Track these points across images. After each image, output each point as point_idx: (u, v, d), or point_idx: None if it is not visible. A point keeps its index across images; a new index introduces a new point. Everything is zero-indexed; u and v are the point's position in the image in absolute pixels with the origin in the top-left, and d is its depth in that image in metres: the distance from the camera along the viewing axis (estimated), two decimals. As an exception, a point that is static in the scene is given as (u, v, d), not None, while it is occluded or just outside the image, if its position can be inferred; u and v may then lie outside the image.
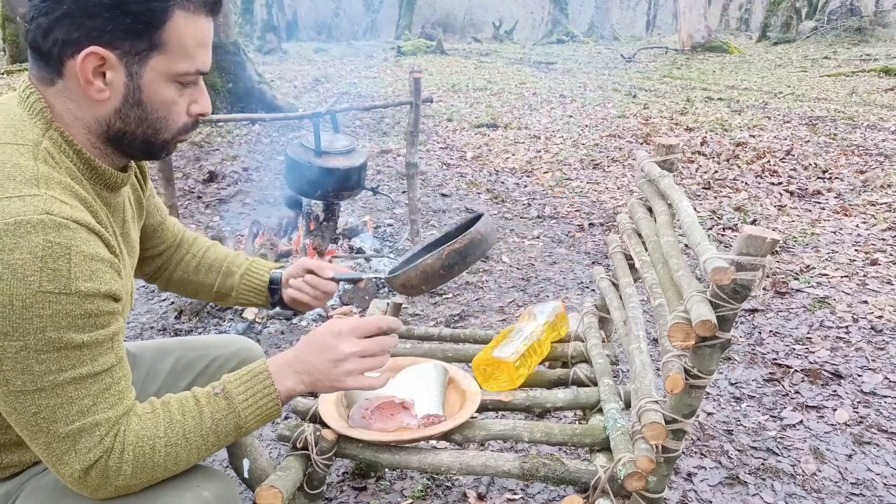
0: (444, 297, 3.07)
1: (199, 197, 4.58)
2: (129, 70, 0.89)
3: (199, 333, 2.69)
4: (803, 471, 1.91)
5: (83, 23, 0.85)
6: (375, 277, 1.37)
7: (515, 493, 1.81)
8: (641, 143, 6.19)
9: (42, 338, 0.81)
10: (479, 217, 1.46)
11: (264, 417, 1.00)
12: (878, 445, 2.02)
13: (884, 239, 3.72)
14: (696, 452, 1.99)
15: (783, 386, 2.34)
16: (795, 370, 2.43)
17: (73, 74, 0.87)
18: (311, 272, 1.31)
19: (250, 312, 2.75)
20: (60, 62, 0.87)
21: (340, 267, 1.36)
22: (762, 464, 1.94)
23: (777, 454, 1.98)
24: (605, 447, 1.23)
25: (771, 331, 2.73)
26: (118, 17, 0.85)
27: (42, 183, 0.84)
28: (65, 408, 0.85)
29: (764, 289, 3.13)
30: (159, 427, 0.92)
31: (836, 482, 1.86)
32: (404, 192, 3.93)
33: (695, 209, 2.61)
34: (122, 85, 0.89)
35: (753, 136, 6.30)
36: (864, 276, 3.24)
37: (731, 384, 2.36)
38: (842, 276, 3.23)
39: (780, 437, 2.06)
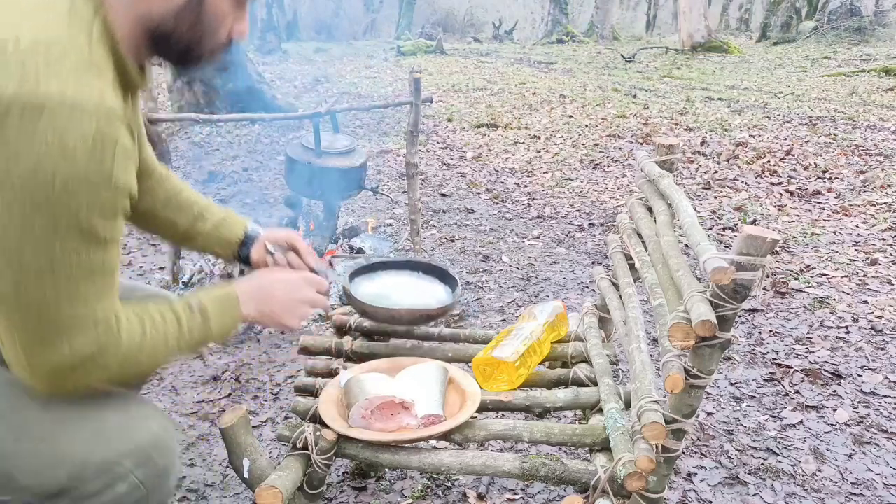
0: (444, 297, 3.08)
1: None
2: None
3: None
4: (803, 471, 1.91)
5: None
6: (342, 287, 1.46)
7: (515, 493, 1.81)
8: (641, 143, 6.19)
9: (72, 220, 0.82)
10: (452, 278, 1.67)
11: (226, 335, 1.13)
12: (878, 445, 2.02)
13: (884, 239, 3.72)
14: (696, 452, 1.99)
15: (783, 386, 2.34)
16: (795, 370, 2.43)
17: None
18: (294, 250, 1.41)
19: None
20: None
21: (317, 259, 1.45)
22: (762, 464, 1.94)
23: (777, 454, 1.98)
24: (605, 447, 1.23)
25: (771, 331, 2.73)
26: None
27: (96, 70, 0.85)
28: (72, 293, 0.86)
29: (764, 289, 3.13)
30: (146, 327, 0.97)
31: (836, 482, 1.86)
32: (404, 192, 3.93)
33: (695, 209, 2.61)
34: None
35: (753, 136, 6.30)
36: (864, 276, 3.24)
37: (731, 384, 2.36)
38: (842, 276, 3.23)
39: (780, 437, 2.06)
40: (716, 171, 5.19)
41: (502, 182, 5.09)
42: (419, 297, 1.60)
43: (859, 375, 2.39)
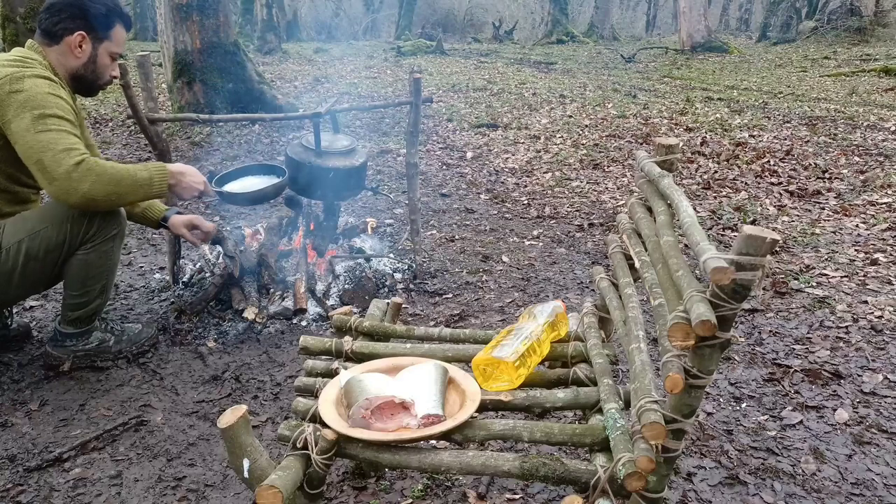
0: (444, 297, 3.08)
1: (199, 197, 4.57)
2: (94, 46, 2.19)
3: (199, 333, 2.69)
4: (803, 471, 1.91)
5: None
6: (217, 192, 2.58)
7: (515, 493, 1.81)
8: (641, 143, 6.19)
9: (51, 111, 1.99)
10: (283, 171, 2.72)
11: (158, 180, 2.15)
12: (878, 445, 2.02)
13: (884, 239, 3.72)
14: (696, 452, 1.99)
15: (783, 386, 2.34)
16: (795, 370, 2.43)
17: (67, 44, 2.14)
18: (195, 226, 2.56)
19: (250, 313, 2.75)
20: (61, 38, 2.14)
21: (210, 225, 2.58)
22: (762, 464, 1.94)
23: (777, 454, 1.98)
24: (604, 447, 1.23)
25: (771, 331, 2.73)
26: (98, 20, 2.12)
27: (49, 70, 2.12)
28: (64, 135, 1.97)
29: (764, 289, 3.13)
30: (112, 163, 2.04)
31: (836, 482, 1.86)
32: (404, 192, 3.93)
33: (695, 209, 2.61)
34: (88, 53, 2.19)
35: (753, 137, 6.30)
36: (864, 276, 3.24)
37: (731, 384, 2.36)
38: (842, 276, 3.23)
39: (780, 437, 2.06)
40: (715, 171, 5.19)
41: (502, 182, 5.09)
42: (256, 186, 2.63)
43: (859, 375, 2.39)
